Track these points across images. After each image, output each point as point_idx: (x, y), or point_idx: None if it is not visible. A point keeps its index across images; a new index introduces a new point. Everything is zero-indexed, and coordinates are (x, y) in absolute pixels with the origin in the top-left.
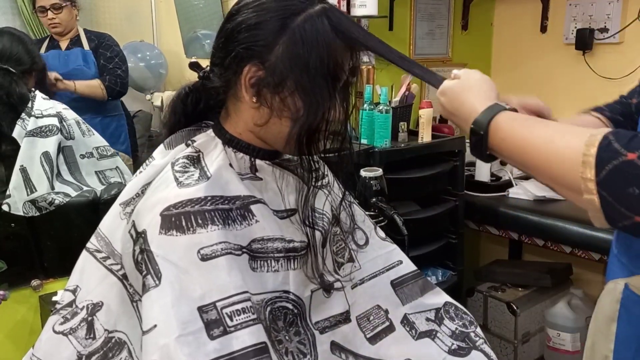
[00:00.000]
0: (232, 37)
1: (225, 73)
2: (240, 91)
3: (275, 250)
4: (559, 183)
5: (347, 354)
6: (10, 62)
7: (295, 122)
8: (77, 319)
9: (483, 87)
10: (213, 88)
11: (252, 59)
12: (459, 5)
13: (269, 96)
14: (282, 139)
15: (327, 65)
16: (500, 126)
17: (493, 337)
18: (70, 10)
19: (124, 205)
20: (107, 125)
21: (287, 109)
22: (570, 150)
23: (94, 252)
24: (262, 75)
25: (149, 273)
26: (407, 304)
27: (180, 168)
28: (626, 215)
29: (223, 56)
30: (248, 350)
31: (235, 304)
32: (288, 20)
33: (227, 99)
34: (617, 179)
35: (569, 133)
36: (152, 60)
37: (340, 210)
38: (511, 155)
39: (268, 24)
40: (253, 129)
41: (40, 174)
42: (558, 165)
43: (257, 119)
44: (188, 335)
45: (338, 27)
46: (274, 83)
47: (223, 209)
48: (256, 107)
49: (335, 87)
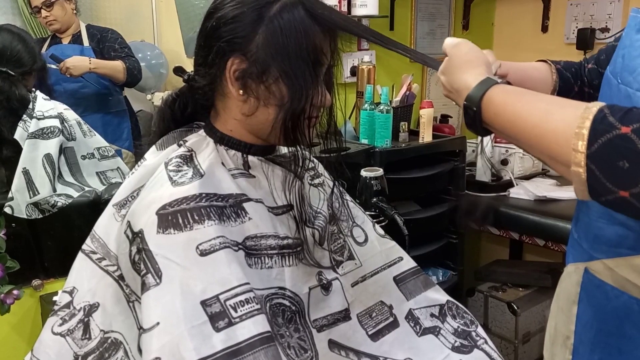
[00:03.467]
0: (213, 34)
1: (210, 70)
2: (226, 87)
3: (268, 247)
4: (551, 156)
5: (348, 351)
6: (10, 64)
7: (281, 108)
8: (74, 320)
9: (473, 60)
10: (199, 88)
11: (234, 52)
12: (460, 5)
13: (254, 86)
14: (269, 127)
15: (306, 50)
16: (493, 100)
17: (494, 337)
18: (63, 5)
19: (118, 206)
20: (110, 121)
21: (274, 97)
22: (564, 124)
23: (89, 254)
24: (245, 67)
25: (149, 272)
26: (412, 299)
27: (174, 167)
28: (611, 189)
29: (205, 54)
30: (255, 340)
31: (239, 295)
32: (264, 9)
33: (214, 98)
34: (609, 152)
35: (564, 106)
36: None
37: (333, 200)
38: (504, 130)
39: (245, 16)
40: (241, 120)
41: (43, 176)
42: (551, 139)
43: (245, 110)
44: (192, 330)
45: (313, 11)
46: (258, 72)
47: (217, 206)
48: (244, 99)
49: (317, 72)
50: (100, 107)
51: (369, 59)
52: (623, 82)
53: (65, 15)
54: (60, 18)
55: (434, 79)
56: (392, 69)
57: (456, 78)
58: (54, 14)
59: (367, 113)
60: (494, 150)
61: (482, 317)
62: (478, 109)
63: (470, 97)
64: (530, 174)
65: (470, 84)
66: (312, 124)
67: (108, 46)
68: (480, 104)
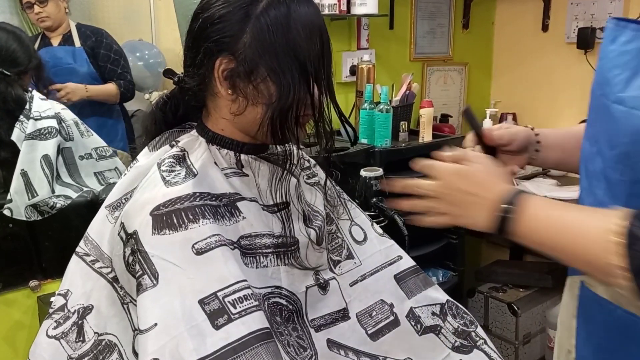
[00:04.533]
0: (200, 34)
1: (199, 71)
2: (215, 87)
3: (263, 246)
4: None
5: (347, 350)
6: (6, 63)
7: (268, 106)
8: (68, 323)
9: (498, 172)
10: (189, 89)
11: (222, 52)
12: (460, 4)
13: (242, 86)
14: (257, 125)
15: (293, 47)
16: (528, 209)
17: (494, 338)
18: (57, 2)
19: (111, 208)
20: (104, 123)
21: (262, 95)
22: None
23: (83, 256)
24: (234, 67)
25: (145, 273)
26: (413, 298)
27: (167, 168)
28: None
29: (194, 55)
30: (255, 335)
31: (237, 292)
32: (251, 7)
33: (205, 98)
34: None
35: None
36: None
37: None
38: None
39: (232, 15)
40: (231, 119)
41: (41, 178)
42: (589, 252)
43: (234, 109)
44: (191, 330)
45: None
46: (246, 71)
47: (211, 205)
48: (233, 99)
49: (305, 68)
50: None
51: (369, 58)
52: (602, 94)
53: (59, 12)
54: (53, 15)
55: (434, 78)
56: (392, 68)
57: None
58: (48, 11)
59: (367, 112)
60: None
61: (482, 317)
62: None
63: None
64: (531, 174)
65: (503, 190)
66: (303, 122)
67: (103, 55)
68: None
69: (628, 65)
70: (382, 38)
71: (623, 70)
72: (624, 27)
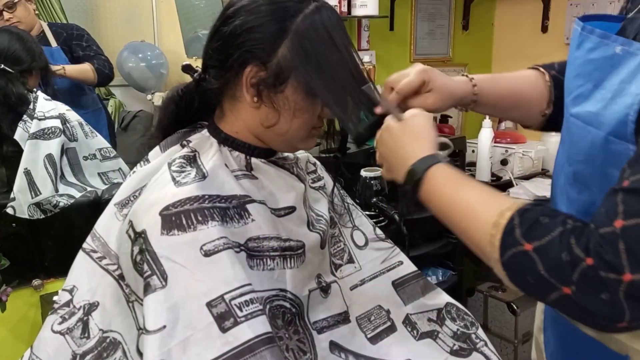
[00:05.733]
0: (231, 40)
1: (226, 75)
2: (239, 91)
3: (270, 249)
4: (476, 249)
5: (347, 353)
6: (8, 61)
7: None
8: (74, 318)
9: (423, 134)
10: (210, 90)
11: (253, 60)
12: (460, 5)
13: (269, 95)
14: (287, 139)
15: (334, 52)
16: (431, 179)
17: (493, 337)
18: (25, 5)
19: (120, 205)
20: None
21: (299, 108)
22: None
23: (90, 252)
24: (263, 76)
25: (154, 274)
26: (409, 304)
27: (178, 168)
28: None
29: (223, 58)
30: (261, 339)
31: (243, 295)
32: (287, 22)
33: (223, 98)
34: (516, 266)
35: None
36: (152, 60)
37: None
38: (435, 210)
39: (267, 27)
40: (256, 129)
41: (45, 177)
42: (473, 234)
43: (264, 121)
44: (198, 333)
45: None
46: (275, 82)
47: (220, 207)
48: (256, 106)
49: (351, 71)
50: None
51: (369, 59)
52: (565, 103)
53: (29, 15)
54: (24, 19)
55: None
56: (392, 68)
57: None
58: (18, 15)
59: None
60: (493, 150)
61: (481, 316)
62: (418, 181)
63: (414, 170)
64: (530, 174)
65: (417, 154)
66: None
67: (75, 45)
68: (422, 179)
69: (592, 76)
70: (383, 39)
71: (585, 81)
72: (590, 32)
